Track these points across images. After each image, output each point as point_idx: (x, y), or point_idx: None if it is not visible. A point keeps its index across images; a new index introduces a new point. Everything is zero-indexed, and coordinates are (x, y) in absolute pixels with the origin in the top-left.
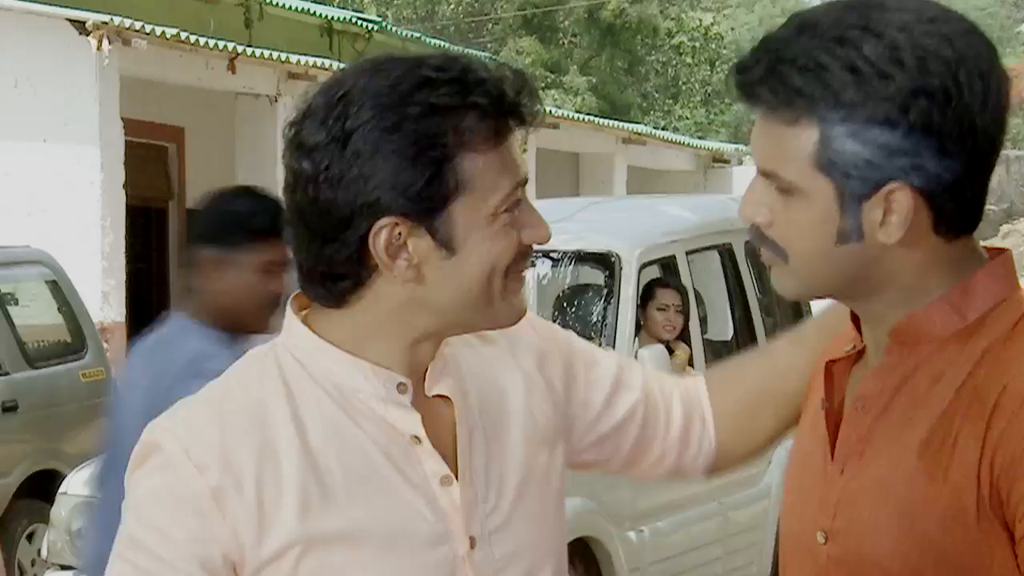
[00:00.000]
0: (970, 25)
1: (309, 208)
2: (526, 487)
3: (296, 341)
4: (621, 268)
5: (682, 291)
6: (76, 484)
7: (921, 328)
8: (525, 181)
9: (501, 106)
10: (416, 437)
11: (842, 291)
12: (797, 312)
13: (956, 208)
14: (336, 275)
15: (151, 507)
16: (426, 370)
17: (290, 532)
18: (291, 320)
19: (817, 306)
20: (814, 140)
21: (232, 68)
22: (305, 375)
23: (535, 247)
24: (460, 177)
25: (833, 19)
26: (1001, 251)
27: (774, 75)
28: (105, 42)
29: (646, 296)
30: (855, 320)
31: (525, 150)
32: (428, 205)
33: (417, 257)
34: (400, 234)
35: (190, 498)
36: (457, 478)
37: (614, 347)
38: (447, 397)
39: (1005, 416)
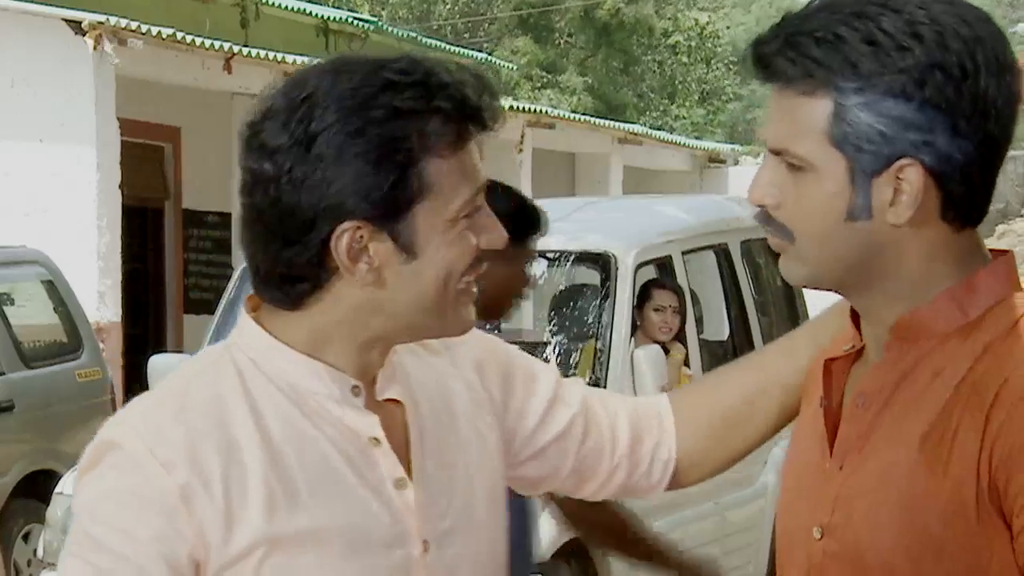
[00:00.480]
0: (985, 13)
1: (269, 210)
2: (474, 492)
3: (250, 341)
4: (617, 268)
5: (678, 292)
6: (72, 484)
7: (924, 323)
8: (484, 186)
9: (464, 110)
10: (375, 439)
11: (847, 277)
12: (793, 312)
13: (965, 194)
14: (295, 277)
15: (112, 507)
16: (375, 375)
17: (256, 531)
18: (245, 321)
19: (814, 309)
20: (828, 112)
21: (228, 68)
22: (260, 375)
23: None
24: (423, 181)
25: (855, 1)
26: (1004, 252)
27: (792, 46)
28: (102, 42)
29: (642, 297)
30: (855, 319)
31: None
32: (391, 209)
33: (378, 261)
34: (362, 237)
35: (157, 497)
36: (411, 481)
37: (610, 347)
38: (397, 401)
39: (1005, 409)
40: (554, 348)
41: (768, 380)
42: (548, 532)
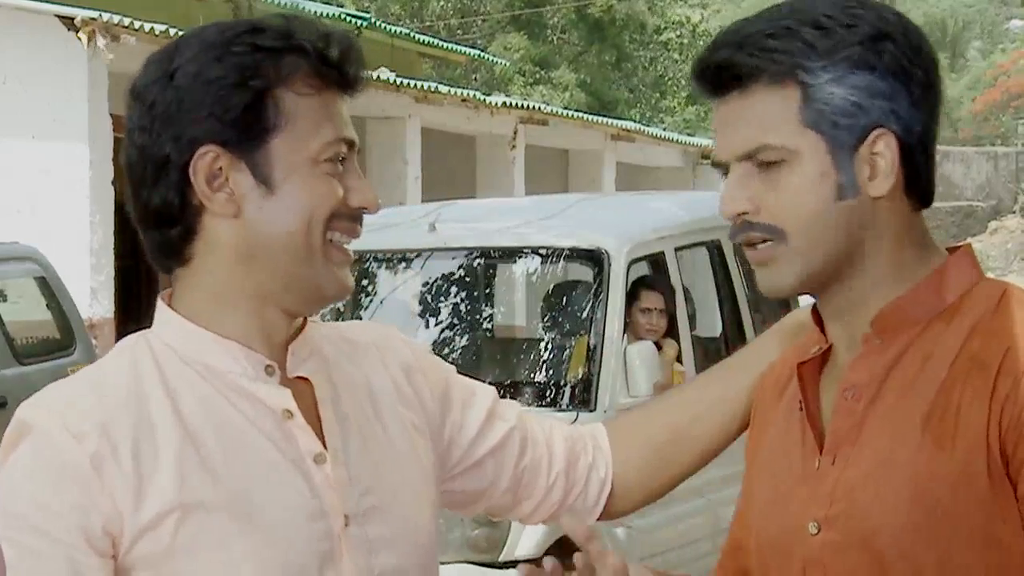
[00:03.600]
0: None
1: (136, 154)
2: (402, 481)
3: (164, 326)
4: (610, 265)
5: (666, 292)
6: None
7: (904, 313)
8: (352, 142)
9: (323, 56)
10: (288, 411)
11: (836, 266)
12: (785, 309)
13: (924, 168)
14: (165, 219)
15: (29, 483)
16: (286, 352)
17: (167, 499)
18: (159, 307)
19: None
20: (797, 97)
21: None
22: (176, 357)
23: (522, 246)
24: (280, 112)
25: (785, 3)
26: (962, 245)
27: (747, 44)
28: (94, 38)
29: (630, 297)
30: (818, 322)
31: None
32: (247, 135)
33: (237, 191)
34: (221, 167)
35: (70, 468)
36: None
37: (603, 344)
38: (308, 381)
39: (1011, 376)
40: (546, 344)
41: (703, 407)
42: (538, 529)
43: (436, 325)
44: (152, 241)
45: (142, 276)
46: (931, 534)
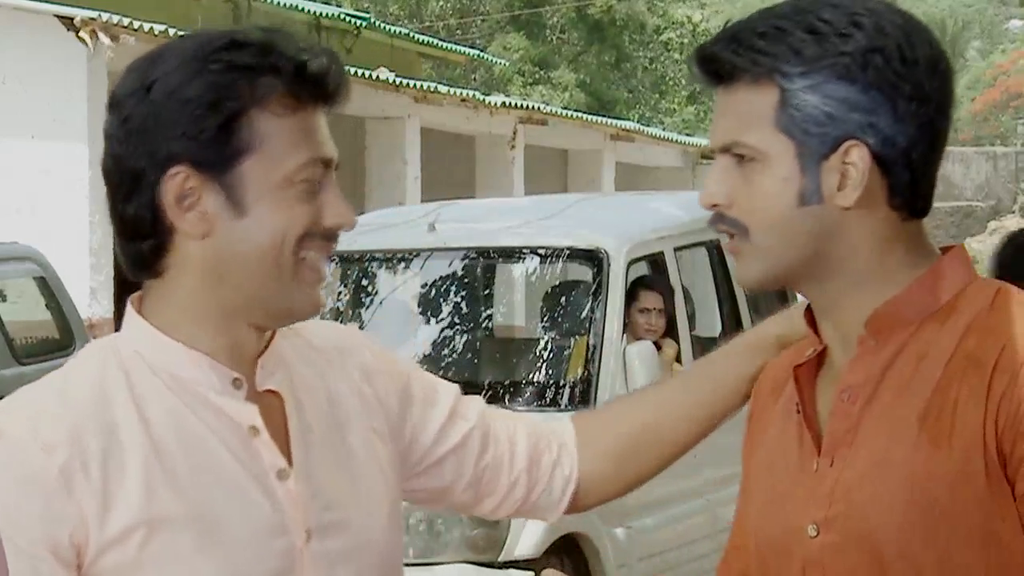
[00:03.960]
0: (914, 15)
1: (111, 164)
2: (364, 492)
3: (133, 333)
4: (609, 265)
5: (665, 292)
6: None
7: (898, 313)
8: (328, 161)
9: (300, 74)
10: (254, 427)
11: (803, 269)
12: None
13: (909, 180)
14: (137, 233)
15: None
16: (255, 366)
17: (134, 514)
18: (128, 313)
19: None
20: (775, 100)
21: None
22: (143, 365)
23: (521, 246)
24: (253, 134)
25: (793, 2)
26: (954, 246)
27: (735, 41)
28: (94, 38)
29: (629, 297)
30: (812, 323)
31: (514, 146)
32: (219, 157)
33: (208, 212)
34: (192, 187)
35: (38, 479)
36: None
37: (602, 344)
38: (277, 393)
39: (1007, 374)
40: (546, 344)
41: (669, 411)
42: (537, 529)
43: (436, 325)
44: (125, 250)
45: None
46: (929, 533)
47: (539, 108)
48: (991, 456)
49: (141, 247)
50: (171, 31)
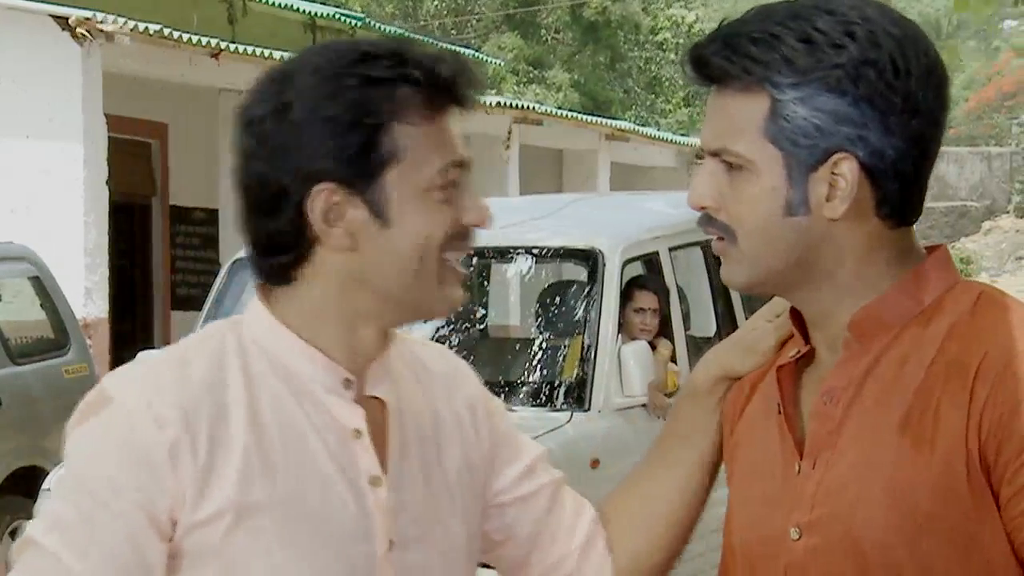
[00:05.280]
0: (912, 20)
1: (252, 182)
2: (450, 514)
3: (254, 320)
4: (604, 265)
5: (660, 292)
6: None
7: (880, 316)
8: (463, 162)
9: (435, 81)
10: (358, 431)
11: (789, 277)
12: None
13: (898, 191)
14: (278, 248)
15: (101, 455)
16: (367, 367)
17: (227, 498)
18: (253, 302)
19: None
20: (765, 109)
21: (216, 63)
22: (259, 352)
23: (516, 246)
24: (394, 146)
25: (790, 5)
26: (938, 246)
27: (729, 46)
28: (88, 38)
29: (624, 297)
30: (799, 323)
31: (508, 146)
32: (362, 172)
33: (353, 226)
34: (337, 202)
35: (146, 450)
36: (385, 479)
37: (597, 344)
38: (382, 401)
39: (989, 381)
40: (541, 344)
41: (667, 492)
42: None
43: (430, 324)
44: (260, 263)
45: (136, 276)
46: (911, 537)
47: (534, 108)
48: (973, 462)
49: (280, 260)
50: (166, 31)
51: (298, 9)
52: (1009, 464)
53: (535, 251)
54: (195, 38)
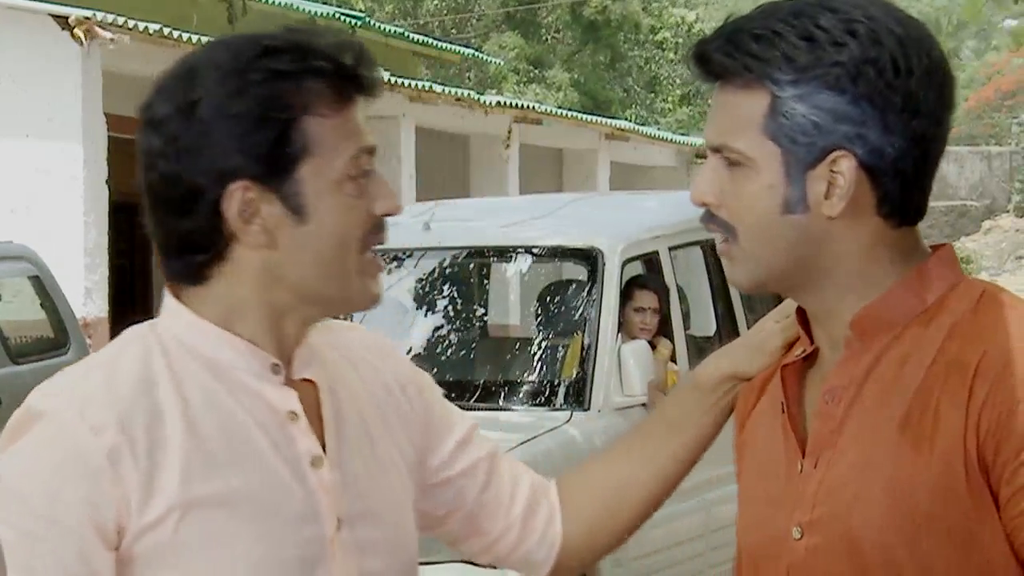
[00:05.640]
0: (917, 19)
1: (161, 183)
2: (391, 488)
3: (172, 318)
4: (604, 264)
5: (660, 291)
6: None
7: (882, 315)
8: (372, 149)
9: (341, 72)
10: (293, 413)
11: (790, 275)
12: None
13: (899, 190)
14: (192, 247)
15: (41, 473)
16: (292, 353)
17: (171, 498)
18: (168, 301)
19: None
20: (764, 106)
21: None
22: (182, 349)
23: (516, 245)
24: (305, 140)
25: (794, 2)
26: (943, 245)
27: (730, 43)
28: (88, 38)
29: (624, 297)
30: (804, 323)
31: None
32: (276, 167)
33: (269, 223)
34: (252, 199)
35: (85, 460)
36: (326, 459)
37: (597, 343)
38: (312, 382)
39: (988, 380)
40: (540, 343)
41: (636, 469)
42: None
43: (430, 324)
44: (172, 264)
45: (136, 275)
46: (910, 537)
47: (534, 107)
48: (971, 462)
49: (194, 259)
50: (166, 30)
51: (298, 8)
52: (1008, 464)
53: (535, 250)
54: (195, 37)
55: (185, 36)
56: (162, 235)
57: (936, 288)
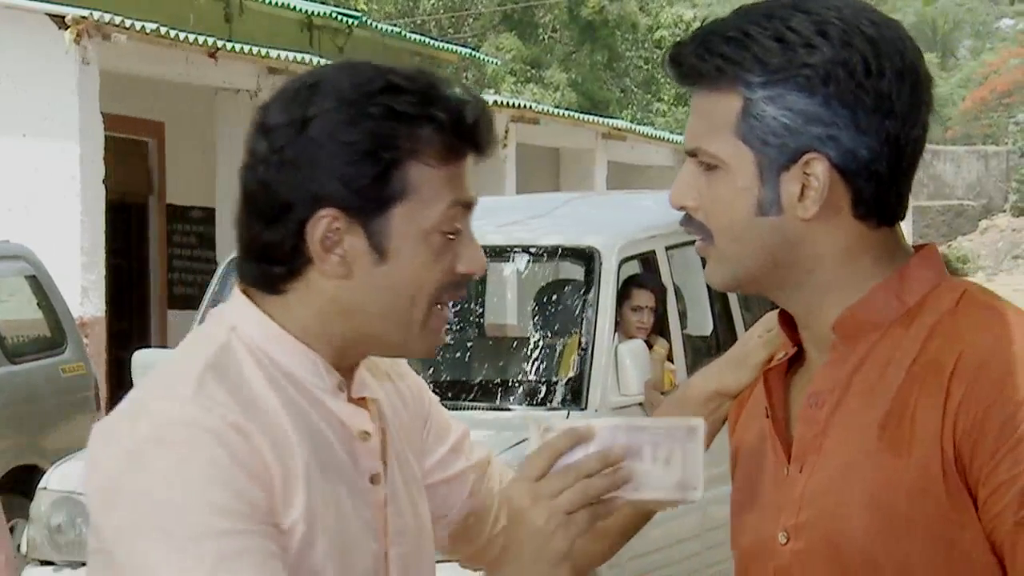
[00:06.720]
0: (893, 19)
1: (258, 188)
2: (419, 500)
3: (255, 327)
4: (601, 263)
5: (657, 290)
6: (56, 479)
7: (864, 317)
8: (469, 203)
9: (458, 125)
10: (365, 432)
11: (768, 277)
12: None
13: (874, 191)
14: (271, 257)
15: (199, 483)
16: (352, 374)
17: (301, 505)
18: (244, 305)
19: None
20: (737, 108)
21: (213, 61)
22: (268, 360)
23: (513, 244)
24: (406, 183)
25: (768, 4)
26: (925, 245)
27: (702, 45)
28: (85, 37)
29: (621, 296)
30: (788, 325)
31: (505, 145)
32: (369, 204)
33: (350, 255)
34: (338, 228)
35: (243, 462)
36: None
37: (594, 342)
38: (366, 401)
39: (964, 381)
40: (537, 343)
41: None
42: None
43: None
44: (249, 268)
45: (133, 275)
46: (892, 541)
47: (531, 107)
48: (948, 464)
49: (271, 270)
50: (163, 30)
51: (295, 8)
52: (984, 465)
53: (532, 250)
54: (192, 37)
55: (182, 36)
56: (245, 237)
57: (917, 289)
